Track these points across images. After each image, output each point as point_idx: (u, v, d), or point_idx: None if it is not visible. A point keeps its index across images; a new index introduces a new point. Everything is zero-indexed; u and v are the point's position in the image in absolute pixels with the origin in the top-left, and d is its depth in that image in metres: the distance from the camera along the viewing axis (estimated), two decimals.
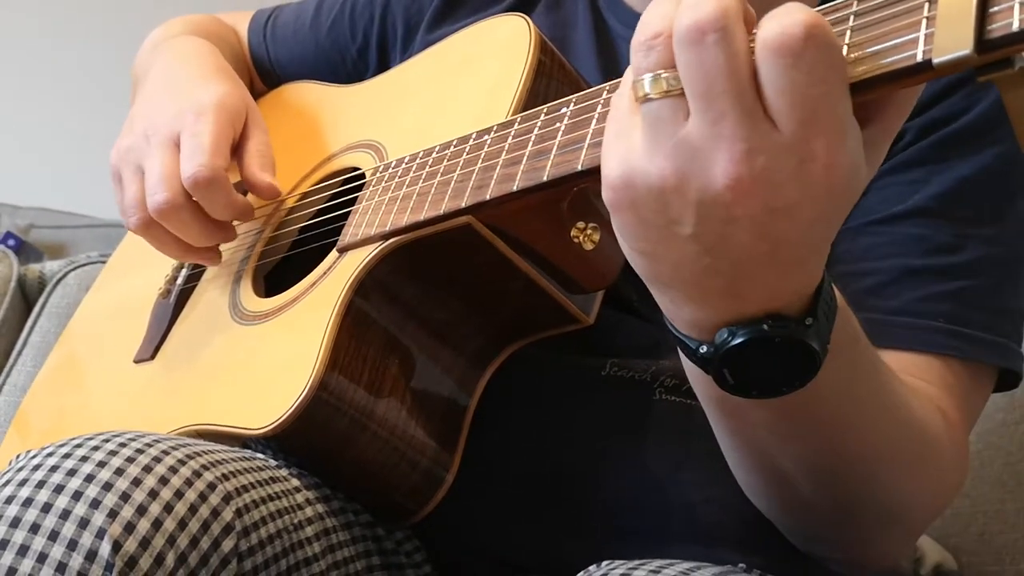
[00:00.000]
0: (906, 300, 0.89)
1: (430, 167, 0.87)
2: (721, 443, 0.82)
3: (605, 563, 0.84)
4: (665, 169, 0.58)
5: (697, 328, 0.65)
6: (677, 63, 0.57)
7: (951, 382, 0.88)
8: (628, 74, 0.62)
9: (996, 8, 0.52)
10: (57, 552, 0.71)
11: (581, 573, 0.85)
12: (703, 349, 0.65)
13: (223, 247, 1.11)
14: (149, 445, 0.78)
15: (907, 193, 0.91)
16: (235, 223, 1.07)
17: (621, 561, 0.84)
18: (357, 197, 0.95)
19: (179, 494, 0.76)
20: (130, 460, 0.76)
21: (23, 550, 0.71)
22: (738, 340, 0.63)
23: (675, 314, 0.67)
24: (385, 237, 0.88)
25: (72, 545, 0.71)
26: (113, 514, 0.73)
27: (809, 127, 0.56)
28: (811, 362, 0.64)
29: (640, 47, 0.59)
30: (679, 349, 0.69)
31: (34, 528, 0.72)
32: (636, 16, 1.07)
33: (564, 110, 0.75)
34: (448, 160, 0.85)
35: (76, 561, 0.70)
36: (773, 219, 0.58)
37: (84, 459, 0.76)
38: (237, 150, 1.05)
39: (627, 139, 0.60)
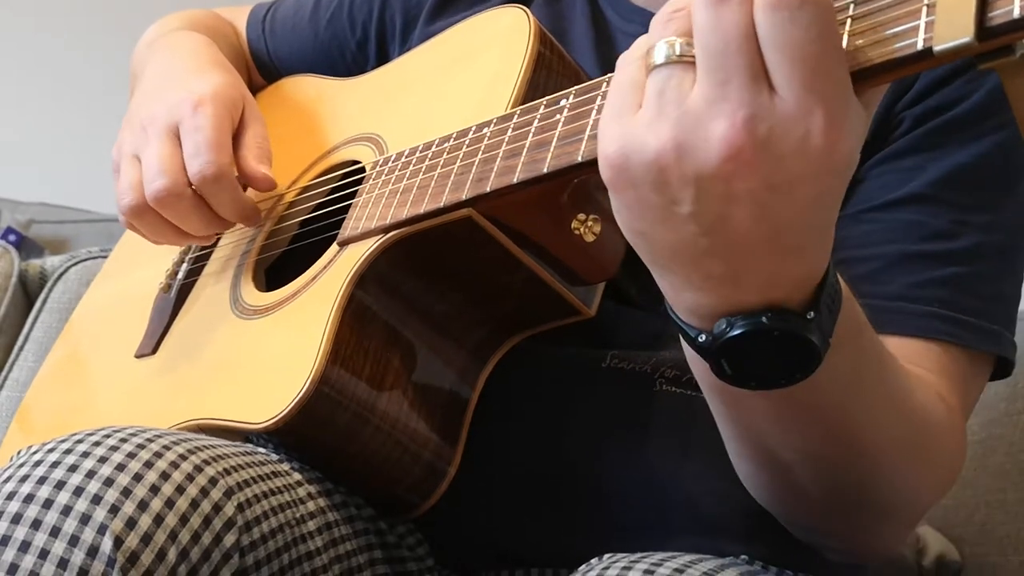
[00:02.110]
0: (902, 285, 0.88)
1: (430, 160, 0.87)
2: (722, 432, 0.82)
3: (607, 556, 0.84)
4: (665, 142, 0.58)
5: (697, 316, 0.65)
6: (695, 21, 0.58)
7: (949, 368, 0.88)
8: (635, 47, 0.62)
9: None
10: (59, 548, 0.71)
11: (583, 566, 0.85)
12: (702, 338, 0.65)
13: (224, 242, 1.11)
14: (150, 440, 0.78)
15: (904, 180, 0.91)
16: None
17: (623, 554, 0.84)
18: (357, 190, 0.95)
19: (180, 489, 0.76)
20: (131, 456, 0.76)
21: (25, 546, 0.71)
22: (736, 331, 0.63)
23: (675, 299, 0.66)
24: (386, 230, 0.88)
25: (74, 541, 0.71)
26: (115, 510, 0.72)
27: (810, 92, 0.56)
28: (811, 357, 0.64)
29: (661, 18, 0.60)
30: (680, 336, 0.68)
31: (36, 524, 0.71)
32: (634, 9, 1.07)
33: (563, 102, 0.75)
34: (448, 153, 0.85)
35: (78, 557, 0.70)
36: (772, 198, 0.58)
37: (85, 455, 0.76)
38: (234, 141, 1.05)
39: (628, 114, 0.60)
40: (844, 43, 0.57)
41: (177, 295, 1.12)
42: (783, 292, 0.63)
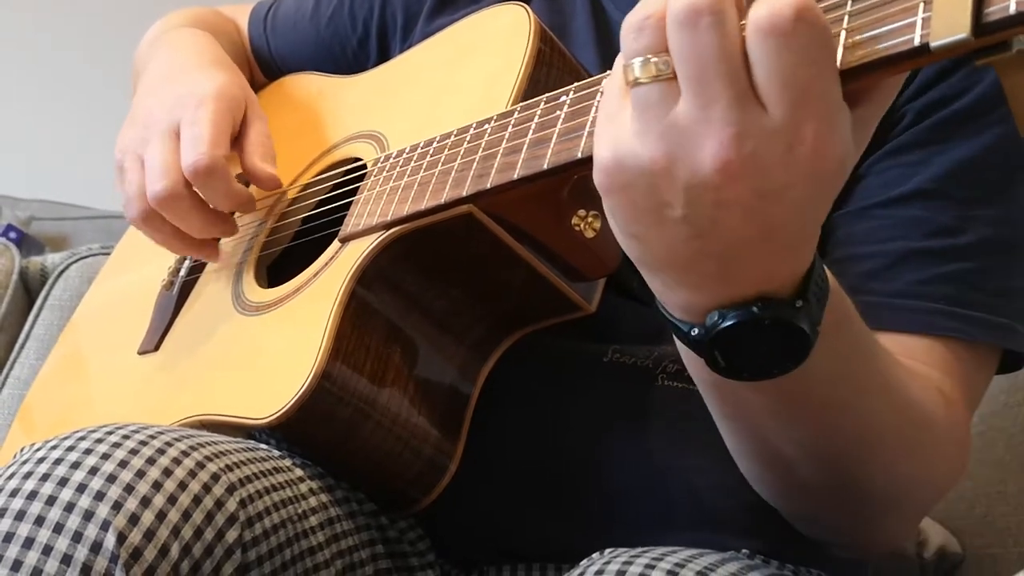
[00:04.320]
0: (907, 282, 0.89)
1: (431, 157, 0.87)
2: (720, 428, 0.82)
3: (608, 551, 0.84)
4: (655, 152, 0.58)
5: (689, 311, 0.66)
6: (670, 46, 0.57)
7: (953, 364, 0.88)
8: (619, 59, 0.62)
9: None
10: (62, 544, 0.71)
11: (584, 561, 0.85)
12: (694, 332, 0.66)
13: (226, 239, 1.12)
14: (152, 437, 0.78)
15: (907, 175, 0.91)
16: (237, 215, 1.07)
17: (624, 549, 0.84)
18: (359, 187, 0.96)
19: (183, 485, 0.76)
20: (134, 452, 0.76)
21: (28, 543, 0.71)
22: (728, 322, 0.64)
23: (667, 297, 0.67)
24: (387, 227, 0.88)
25: (77, 537, 0.71)
26: (117, 506, 0.73)
27: (799, 110, 0.56)
28: (802, 344, 0.64)
29: (631, 28, 0.59)
30: (672, 332, 0.69)
31: (39, 521, 0.72)
32: (634, 4, 1.07)
33: (564, 98, 0.75)
34: (449, 149, 0.85)
35: (81, 553, 0.71)
36: (763, 203, 0.58)
37: (88, 452, 0.76)
38: (237, 140, 1.06)
39: (617, 122, 0.61)
40: (841, 40, 0.57)
41: (179, 292, 1.12)
42: (774, 285, 0.63)
